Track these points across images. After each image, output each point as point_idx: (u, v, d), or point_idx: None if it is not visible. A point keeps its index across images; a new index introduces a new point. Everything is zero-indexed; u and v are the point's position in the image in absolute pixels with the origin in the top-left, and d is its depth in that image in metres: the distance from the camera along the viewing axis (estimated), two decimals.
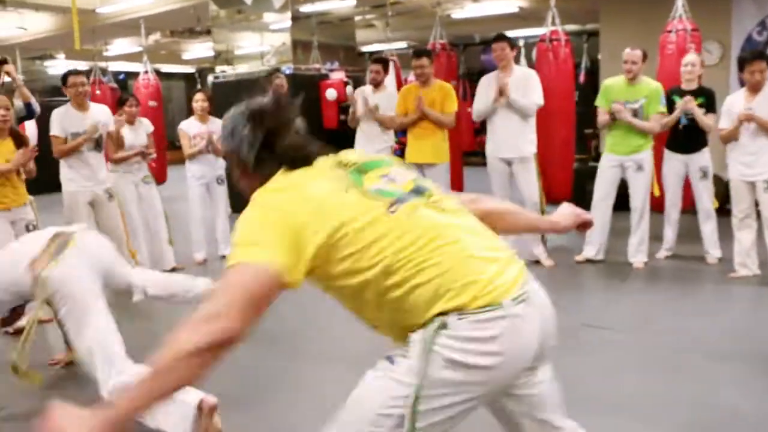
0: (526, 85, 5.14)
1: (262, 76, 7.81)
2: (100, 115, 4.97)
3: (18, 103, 5.05)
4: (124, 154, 5.34)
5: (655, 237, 5.35)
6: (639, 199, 5.10)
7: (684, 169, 5.19)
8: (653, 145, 5.09)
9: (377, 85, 6.08)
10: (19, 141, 4.20)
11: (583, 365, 3.24)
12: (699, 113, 4.96)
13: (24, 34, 12.24)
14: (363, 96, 6.05)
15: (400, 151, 11.39)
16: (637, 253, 5.14)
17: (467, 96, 7.59)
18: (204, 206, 5.94)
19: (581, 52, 12.46)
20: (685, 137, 5.10)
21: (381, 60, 6.38)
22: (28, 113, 5.09)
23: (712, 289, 4.74)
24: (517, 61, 5.50)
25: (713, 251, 5.19)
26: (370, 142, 6.09)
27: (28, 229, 4.16)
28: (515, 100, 5.07)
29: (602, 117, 5.11)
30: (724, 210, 5.27)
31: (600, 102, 5.15)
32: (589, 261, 5.26)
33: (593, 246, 5.24)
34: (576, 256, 5.31)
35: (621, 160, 5.10)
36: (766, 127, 4.55)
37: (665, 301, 4.43)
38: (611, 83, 5.16)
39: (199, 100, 5.80)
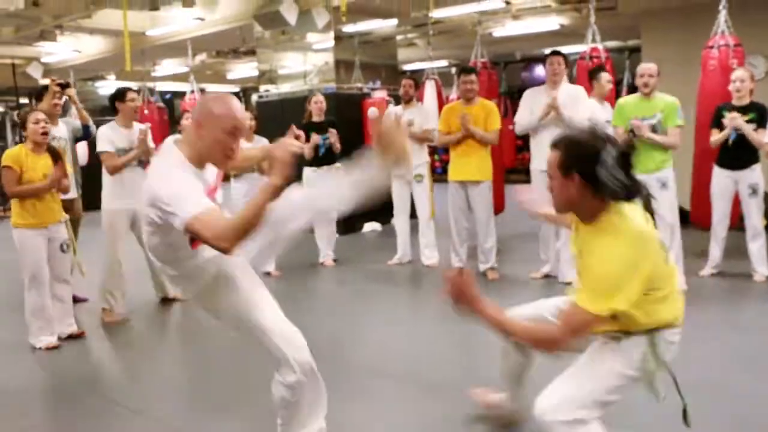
0: (575, 102, 5.06)
1: (305, 95, 7.96)
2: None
3: (76, 123, 5.27)
4: None
5: (701, 253, 5.26)
6: (667, 217, 4.90)
7: (733, 185, 5.09)
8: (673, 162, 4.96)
9: (408, 101, 6.15)
10: (56, 157, 4.23)
11: None
12: (748, 129, 4.86)
13: (78, 56, 12.72)
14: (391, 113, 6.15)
15: (441, 169, 11.44)
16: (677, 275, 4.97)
17: (508, 113, 7.59)
18: None
19: (623, 68, 12.37)
20: (735, 153, 5.01)
21: (412, 77, 6.47)
22: (85, 135, 5.29)
23: (759, 307, 4.63)
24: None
25: (761, 269, 5.07)
26: None
27: (62, 250, 4.24)
28: (570, 117, 4.94)
29: (619, 137, 4.90)
30: None
31: (616, 121, 4.99)
32: None
33: None
34: None
35: (644, 180, 4.93)
36: None
37: (710, 318, 4.33)
38: (625, 101, 5.04)
39: (246, 119, 5.91)
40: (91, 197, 5.31)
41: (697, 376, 3.32)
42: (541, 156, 5.11)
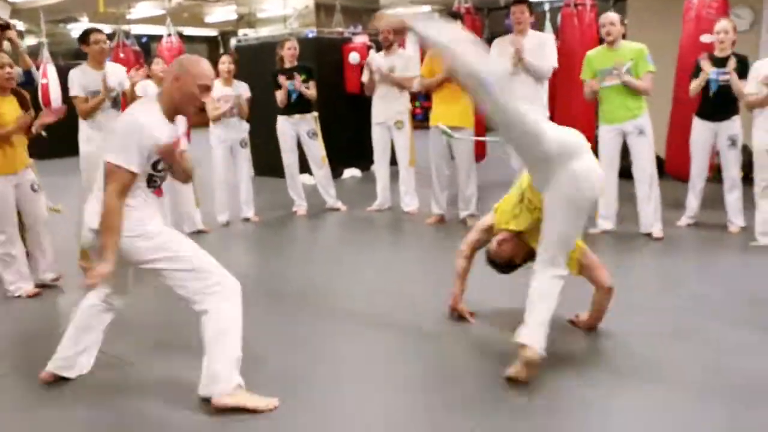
0: (541, 49, 5.20)
1: (285, 39, 7.80)
2: (116, 73, 4.89)
3: (18, 69, 5.03)
4: None
5: (677, 204, 5.33)
6: (645, 165, 4.93)
7: (713, 137, 5.10)
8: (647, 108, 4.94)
9: (389, 46, 6.05)
10: (22, 100, 4.16)
11: (601, 330, 3.27)
12: (735, 77, 4.83)
13: None
14: (372, 63, 6.07)
15: (422, 116, 11.36)
16: (655, 222, 4.99)
17: None
18: (227, 169, 5.99)
19: None
20: (717, 105, 5.00)
21: None
22: (27, 81, 5.04)
23: (734, 257, 4.70)
24: (541, 26, 5.47)
25: (736, 220, 5.13)
26: (388, 106, 6.09)
27: (33, 189, 4.17)
28: (530, 62, 5.15)
29: (588, 88, 4.99)
30: (747, 178, 5.20)
31: (585, 75, 5.02)
32: (604, 232, 5.13)
33: (608, 219, 5.14)
34: (590, 229, 5.02)
35: (620, 128, 4.93)
36: None
37: (685, 268, 4.41)
38: (593, 53, 5.03)
39: (226, 62, 5.80)
40: (63, 143, 5.16)
41: (669, 325, 3.39)
42: None
